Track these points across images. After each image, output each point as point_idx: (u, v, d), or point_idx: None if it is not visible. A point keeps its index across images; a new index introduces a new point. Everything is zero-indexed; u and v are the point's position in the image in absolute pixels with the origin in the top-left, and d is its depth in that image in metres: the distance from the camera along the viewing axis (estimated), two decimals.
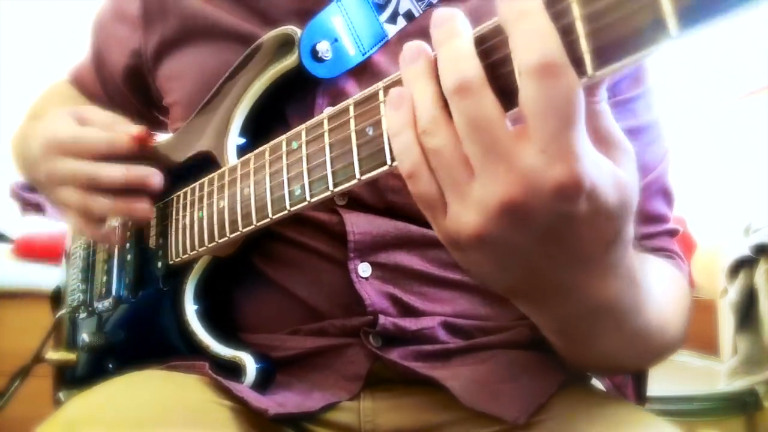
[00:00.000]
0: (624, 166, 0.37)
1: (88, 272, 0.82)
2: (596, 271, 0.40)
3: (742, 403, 1.37)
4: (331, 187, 0.47)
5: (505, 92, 0.34)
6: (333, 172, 0.46)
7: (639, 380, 0.67)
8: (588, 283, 0.40)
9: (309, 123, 0.50)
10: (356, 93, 0.46)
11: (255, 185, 0.55)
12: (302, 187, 0.49)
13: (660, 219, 0.65)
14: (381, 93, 0.43)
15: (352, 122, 0.45)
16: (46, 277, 1.24)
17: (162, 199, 0.69)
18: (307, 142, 0.50)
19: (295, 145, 0.51)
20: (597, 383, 0.66)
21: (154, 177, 0.65)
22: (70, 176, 0.64)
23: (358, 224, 0.60)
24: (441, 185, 0.37)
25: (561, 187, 0.33)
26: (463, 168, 0.36)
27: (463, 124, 0.35)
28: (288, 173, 0.51)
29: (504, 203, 0.34)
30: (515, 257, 0.37)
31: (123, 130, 0.66)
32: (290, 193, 0.51)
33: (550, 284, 0.40)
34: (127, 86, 0.82)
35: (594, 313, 0.43)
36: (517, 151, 0.33)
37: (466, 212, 0.36)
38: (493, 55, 0.35)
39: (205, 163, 0.65)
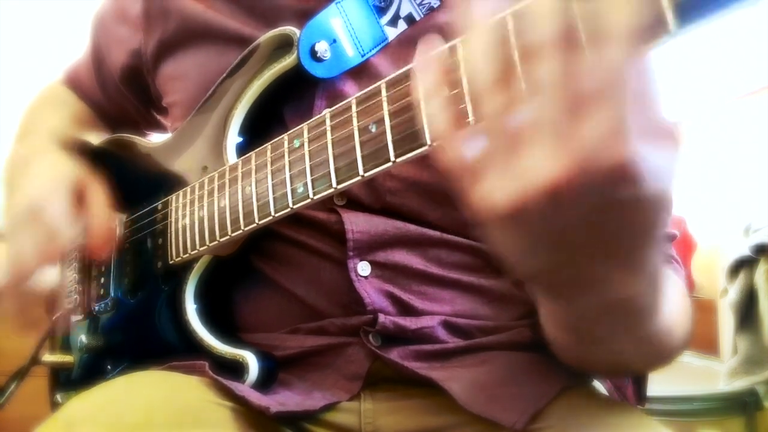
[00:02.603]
0: (673, 156, 0.34)
1: (85, 273, 0.81)
2: (627, 264, 0.38)
3: (742, 403, 1.37)
4: (334, 185, 0.47)
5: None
6: (336, 170, 0.46)
7: (639, 381, 0.66)
8: (615, 277, 0.38)
9: (311, 121, 0.50)
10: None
11: (257, 183, 0.55)
12: (305, 184, 0.49)
13: None
14: (384, 90, 0.43)
15: (354, 120, 0.45)
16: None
17: (160, 199, 0.69)
18: (309, 140, 0.50)
19: (297, 143, 0.51)
20: (598, 385, 0.65)
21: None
22: (32, 248, 0.65)
23: (357, 223, 0.60)
24: (484, 152, 0.34)
25: (619, 169, 0.30)
26: (515, 136, 0.32)
27: (538, 86, 0.32)
28: (290, 171, 0.51)
29: (554, 180, 0.31)
30: (549, 241, 0.35)
31: (99, 229, 0.70)
32: (293, 190, 0.51)
33: (576, 274, 0.38)
34: (126, 85, 0.82)
35: (612, 311, 0.42)
36: (577, 126, 0.31)
37: (508, 185, 0.33)
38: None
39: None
